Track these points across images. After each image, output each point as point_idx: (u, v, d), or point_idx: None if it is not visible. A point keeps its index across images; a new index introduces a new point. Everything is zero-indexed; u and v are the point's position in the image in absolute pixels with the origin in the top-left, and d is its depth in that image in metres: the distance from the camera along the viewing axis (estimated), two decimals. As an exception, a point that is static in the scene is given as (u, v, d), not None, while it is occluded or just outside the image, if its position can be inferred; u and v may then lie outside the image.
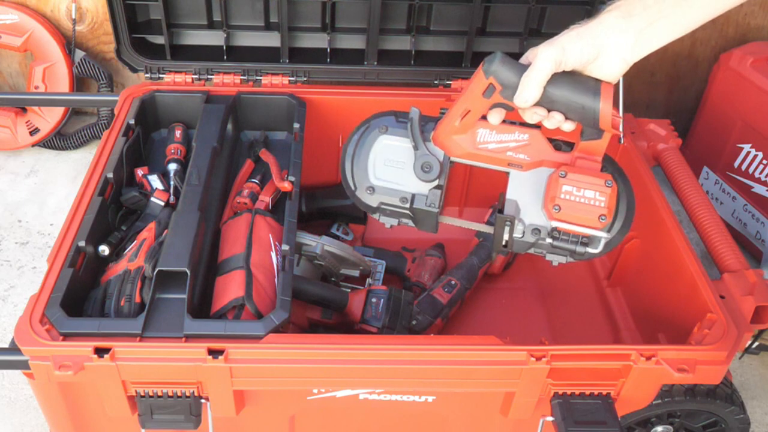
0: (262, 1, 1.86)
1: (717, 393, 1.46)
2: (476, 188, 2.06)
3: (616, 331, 1.73)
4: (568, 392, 1.24)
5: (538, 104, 1.12)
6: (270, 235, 1.47)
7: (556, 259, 1.24)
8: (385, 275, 1.92)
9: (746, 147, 2.12)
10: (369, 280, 1.79)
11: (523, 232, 1.21)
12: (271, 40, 1.90)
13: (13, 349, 1.18)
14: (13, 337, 1.18)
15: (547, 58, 1.07)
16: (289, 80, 1.87)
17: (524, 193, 1.22)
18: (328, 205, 1.98)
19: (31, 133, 2.41)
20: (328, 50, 1.90)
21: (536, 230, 1.21)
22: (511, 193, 1.23)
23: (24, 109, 2.41)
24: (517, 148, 1.21)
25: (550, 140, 1.21)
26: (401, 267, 1.93)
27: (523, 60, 1.13)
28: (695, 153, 2.30)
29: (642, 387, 1.26)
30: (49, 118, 2.40)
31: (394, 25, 1.92)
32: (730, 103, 2.16)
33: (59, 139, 2.47)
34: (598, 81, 1.11)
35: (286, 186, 1.54)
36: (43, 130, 2.41)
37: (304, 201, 1.95)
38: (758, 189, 2.12)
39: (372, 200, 1.28)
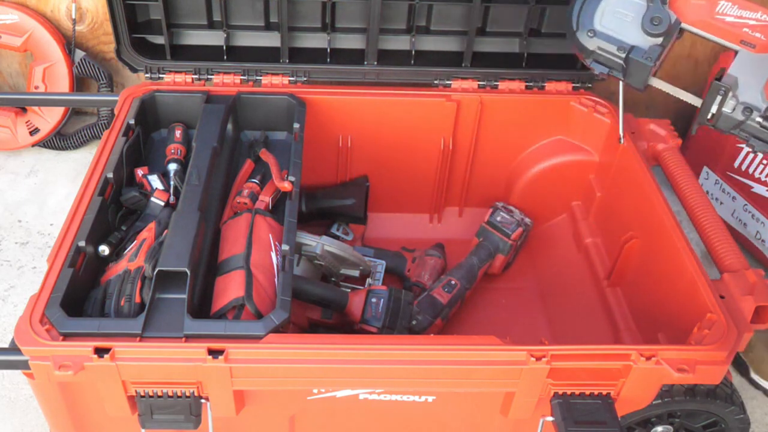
0: (262, 1, 1.86)
1: (717, 393, 1.46)
2: (476, 188, 2.06)
3: (616, 331, 1.73)
4: (568, 392, 1.24)
5: None
6: (270, 235, 1.47)
7: (759, 146, 1.24)
8: (385, 275, 1.92)
9: (746, 147, 2.12)
10: (369, 280, 1.79)
11: (734, 108, 1.23)
12: (271, 40, 1.90)
13: (13, 349, 1.18)
14: (13, 337, 1.18)
15: None
16: (289, 80, 1.87)
17: (748, 73, 1.23)
18: (328, 205, 1.98)
19: (31, 133, 2.41)
20: (328, 50, 1.91)
21: (748, 109, 1.22)
22: (733, 70, 1.24)
23: (24, 109, 2.41)
24: (756, 27, 1.23)
25: None
26: (401, 267, 1.93)
27: None
28: (695, 153, 2.29)
29: (642, 387, 1.26)
30: (49, 118, 2.40)
31: (394, 25, 1.92)
32: (730, 103, 2.16)
33: (59, 139, 2.47)
34: None
35: (286, 186, 1.54)
36: (43, 130, 2.41)
37: (304, 201, 1.95)
38: (758, 189, 2.11)
39: (590, 43, 1.40)
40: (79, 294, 1.32)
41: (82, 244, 1.33)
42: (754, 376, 1.86)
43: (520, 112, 1.91)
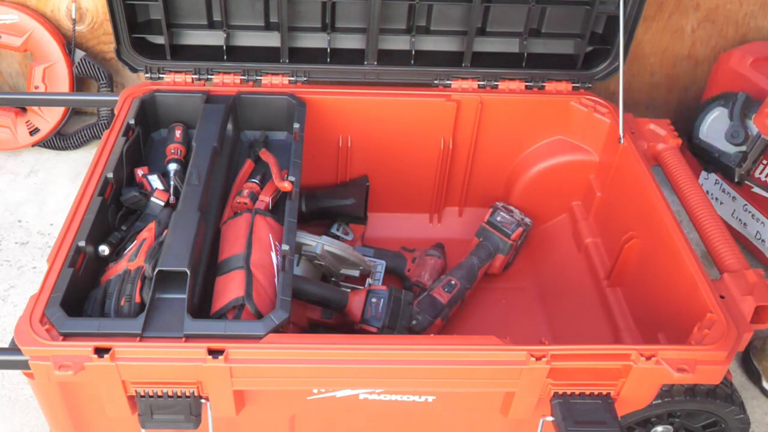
0: (262, 1, 1.86)
1: (717, 393, 1.46)
2: (476, 188, 2.06)
3: (616, 331, 1.73)
4: (568, 392, 1.24)
5: None
6: (270, 235, 1.47)
7: None
8: (385, 275, 1.92)
9: (746, 147, 2.12)
10: (369, 280, 1.79)
11: None
12: (271, 40, 1.90)
13: (13, 349, 1.18)
14: (13, 337, 1.18)
15: None
16: (289, 80, 1.87)
17: None
18: (328, 205, 1.98)
19: (31, 133, 2.41)
20: (328, 50, 1.90)
21: None
22: None
23: (24, 109, 2.41)
24: None
25: None
26: (401, 267, 1.93)
27: None
28: (695, 153, 2.29)
29: (642, 387, 1.26)
30: (49, 118, 2.40)
31: (394, 25, 1.91)
32: (730, 103, 2.16)
33: (59, 139, 2.47)
34: None
35: (286, 186, 1.54)
36: (43, 130, 2.41)
37: (304, 201, 1.95)
38: (758, 189, 2.11)
39: (696, 150, 1.96)
40: (79, 294, 1.32)
41: (82, 244, 1.33)
42: (765, 384, 1.86)
43: (520, 112, 1.91)
